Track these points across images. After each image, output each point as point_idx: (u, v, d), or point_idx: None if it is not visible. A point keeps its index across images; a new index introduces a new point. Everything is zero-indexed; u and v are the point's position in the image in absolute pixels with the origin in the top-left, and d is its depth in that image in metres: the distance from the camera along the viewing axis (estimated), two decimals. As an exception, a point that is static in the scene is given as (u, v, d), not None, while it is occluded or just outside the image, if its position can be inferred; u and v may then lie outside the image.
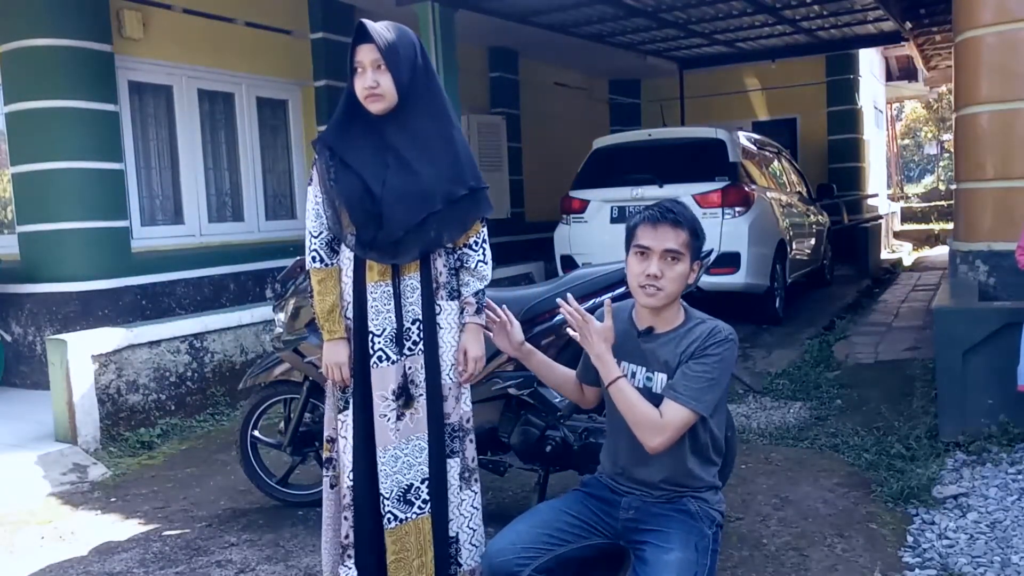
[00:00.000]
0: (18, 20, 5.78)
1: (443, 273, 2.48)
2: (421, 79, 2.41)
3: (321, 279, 2.49)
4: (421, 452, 2.43)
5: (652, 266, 2.25)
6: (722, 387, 2.25)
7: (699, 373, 2.21)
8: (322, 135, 2.51)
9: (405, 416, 2.42)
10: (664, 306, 2.30)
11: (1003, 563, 2.86)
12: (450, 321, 2.49)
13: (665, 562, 2.16)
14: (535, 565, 2.25)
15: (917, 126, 33.02)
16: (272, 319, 3.68)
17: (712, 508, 2.32)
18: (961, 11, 5.09)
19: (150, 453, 4.74)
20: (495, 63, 11.14)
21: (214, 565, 3.22)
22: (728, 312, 8.02)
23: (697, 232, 2.31)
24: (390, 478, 2.41)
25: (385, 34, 2.37)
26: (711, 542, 2.26)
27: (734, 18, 9.73)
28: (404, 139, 2.41)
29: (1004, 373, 3.83)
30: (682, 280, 2.28)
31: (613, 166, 7.62)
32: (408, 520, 2.42)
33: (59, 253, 5.92)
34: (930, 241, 16.67)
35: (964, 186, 5.18)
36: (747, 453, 4.14)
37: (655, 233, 2.27)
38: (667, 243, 2.25)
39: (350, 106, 2.45)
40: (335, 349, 2.47)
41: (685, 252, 2.27)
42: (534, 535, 2.31)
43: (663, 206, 2.31)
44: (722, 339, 2.25)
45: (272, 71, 7.72)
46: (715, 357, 2.23)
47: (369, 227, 2.38)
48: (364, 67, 2.36)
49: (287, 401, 3.78)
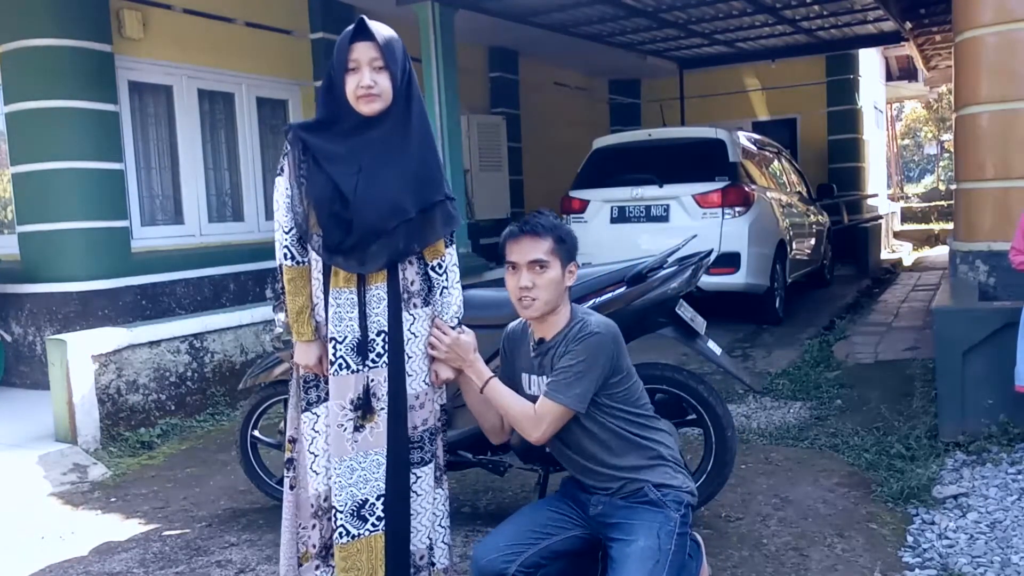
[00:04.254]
0: (18, 20, 5.78)
1: (415, 282, 2.40)
2: (409, 82, 2.36)
3: (291, 278, 2.40)
4: (378, 468, 2.35)
5: (523, 279, 2.36)
6: (590, 378, 2.31)
7: (564, 367, 2.33)
8: (296, 127, 2.38)
9: (364, 429, 2.34)
10: (546, 314, 2.40)
11: (1003, 563, 2.86)
12: (421, 329, 2.41)
13: (627, 554, 2.26)
14: (520, 560, 2.35)
15: (917, 126, 33.05)
16: (272, 319, 3.67)
17: (678, 490, 2.38)
18: (961, 11, 5.09)
19: (150, 453, 4.74)
20: (495, 63, 11.15)
21: (214, 565, 3.22)
22: (728, 312, 8.02)
23: (562, 237, 2.39)
24: (345, 490, 2.33)
25: (386, 34, 2.32)
26: (677, 524, 2.32)
27: (734, 18, 9.74)
28: (387, 143, 2.33)
29: (1004, 373, 3.83)
30: (555, 286, 2.37)
31: (613, 166, 7.62)
32: (360, 537, 2.34)
33: (59, 253, 5.93)
34: (930, 241, 16.66)
35: (964, 186, 5.19)
36: (747, 453, 4.13)
37: (518, 246, 2.38)
38: (531, 254, 2.35)
39: (331, 103, 2.34)
40: (305, 351, 2.42)
41: (551, 258, 2.36)
42: (518, 533, 2.41)
43: (524, 219, 2.40)
44: (586, 333, 2.34)
45: (272, 71, 7.72)
46: (578, 350, 2.33)
47: (336, 232, 2.29)
48: (360, 65, 2.27)
49: (287, 401, 3.77)
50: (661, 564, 2.23)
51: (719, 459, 3.20)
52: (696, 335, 3.28)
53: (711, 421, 3.19)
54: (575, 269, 2.43)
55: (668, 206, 7.09)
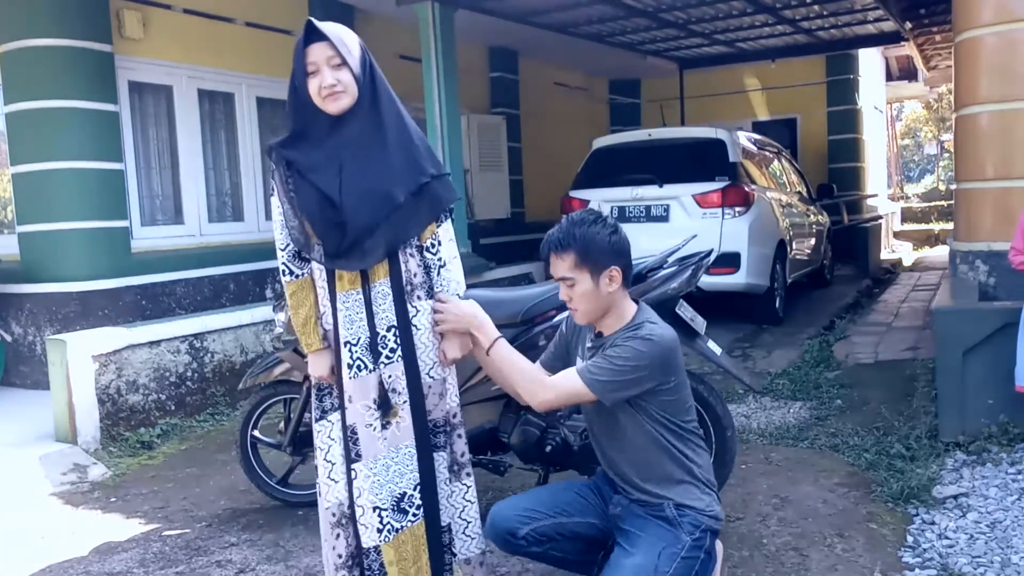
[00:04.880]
0: (18, 20, 5.78)
1: (417, 274, 2.41)
2: (371, 73, 2.36)
3: (293, 291, 2.45)
4: (412, 459, 2.39)
5: (562, 292, 2.39)
6: (629, 377, 2.27)
7: (606, 356, 2.31)
8: (277, 145, 2.40)
9: (391, 425, 2.37)
10: (596, 319, 2.39)
11: (1003, 563, 2.86)
12: (426, 322, 2.43)
13: (622, 565, 2.25)
14: (534, 527, 2.39)
15: (917, 126, 33.05)
16: (272, 319, 3.68)
17: (699, 514, 2.33)
18: (961, 11, 5.09)
19: (150, 453, 4.74)
20: (495, 63, 11.14)
21: (214, 565, 3.22)
22: (728, 312, 8.00)
23: (585, 249, 2.32)
24: (384, 488, 2.35)
25: (336, 31, 2.32)
26: (685, 549, 2.27)
27: (734, 18, 9.74)
28: (363, 136, 2.33)
29: (1004, 373, 3.83)
30: (591, 296, 2.34)
31: (613, 166, 7.62)
32: (404, 529, 2.37)
33: (59, 253, 5.93)
34: (930, 241, 16.66)
35: (964, 186, 5.19)
36: (747, 453, 4.13)
37: (550, 263, 2.39)
38: (558, 272, 2.36)
39: (300, 111, 2.34)
40: (318, 362, 2.45)
41: (576, 273, 2.33)
42: (540, 502, 2.46)
43: (547, 237, 2.39)
44: (641, 336, 2.30)
45: (272, 71, 7.71)
46: (628, 347, 2.29)
47: (334, 236, 2.31)
48: (319, 66, 2.28)
49: (287, 401, 3.78)
50: None
51: (719, 459, 3.20)
52: (696, 335, 3.28)
53: (711, 421, 3.20)
54: (616, 274, 2.33)
55: (668, 206, 7.09)
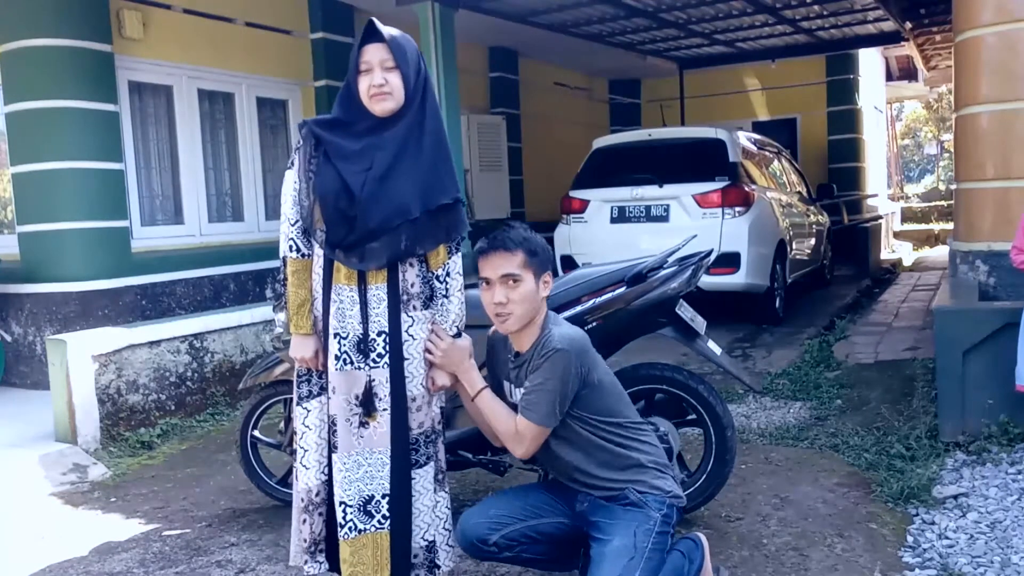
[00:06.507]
0: (18, 20, 5.78)
1: (415, 284, 2.42)
2: (423, 85, 2.41)
3: (295, 270, 2.44)
4: (383, 467, 2.38)
5: (497, 294, 2.35)
6: (558, 394, 2.30)
7: (533, 386, 2.34)
8: (311, 123, 2.44)
9: (369, 426, 2.37)
10: (523, 328, 2.40)
11: (1003, 563, 2.86)
12: (420, 332, 2.43)
13: (603, 555, 2.28)
14: (504, 532, 2.40)
15: (917, 126, 33.05)
16: (272, 319, 3.67)
17: (662, 492, 2.39)
18: (961, 11, 5.09)
19: (150, 453, 4.74)
20: (495, 63, 11.15)
21: (214, 565, 3.22)
22: (728, 312, 8.00)
23: (533, 249, 2.37)
24: (353, 484, 2.36)
25: (395, 35, 2.38)
26: (658, 524, 2.33)
27: (734, 18, 9.74)
28: (401, 142, 2.37)
29: (1004, 373, 3.83)
30: (530, 299, 2.36)
31: (613, 166, 7.62)
32: (367, 532, 2.36)
33: (59, 253, 5.93)
34: (930, 241, 16.66)
35: (964, 186, 5.18)
36: (747, 453, 4.13)
37: (490, 262, 2.37)
38: (502, 269, 2.34)
39: (347, 105, 2.41)
40: (301, 344, 2.44)
41: (524, 272, 2.34)
42: (508, 506, 2.46)
43: (494, 234, 2.39)
44: (548, 351, 2.32)
45: (272, 71, 7.72)
46: (544, 368, 2.32)
47: (340, 228, 2.34)
48: (372, 66, 2.34)
49: (287, 401, 3.77)
50: (636, 561, 2.24)
51: (719, 459, 3.20)
52: (696, 335, 3.28)
53: (711, 421, 3.19)
54: (549, 280, 2.43)
55: (668, 206, 7.09)
